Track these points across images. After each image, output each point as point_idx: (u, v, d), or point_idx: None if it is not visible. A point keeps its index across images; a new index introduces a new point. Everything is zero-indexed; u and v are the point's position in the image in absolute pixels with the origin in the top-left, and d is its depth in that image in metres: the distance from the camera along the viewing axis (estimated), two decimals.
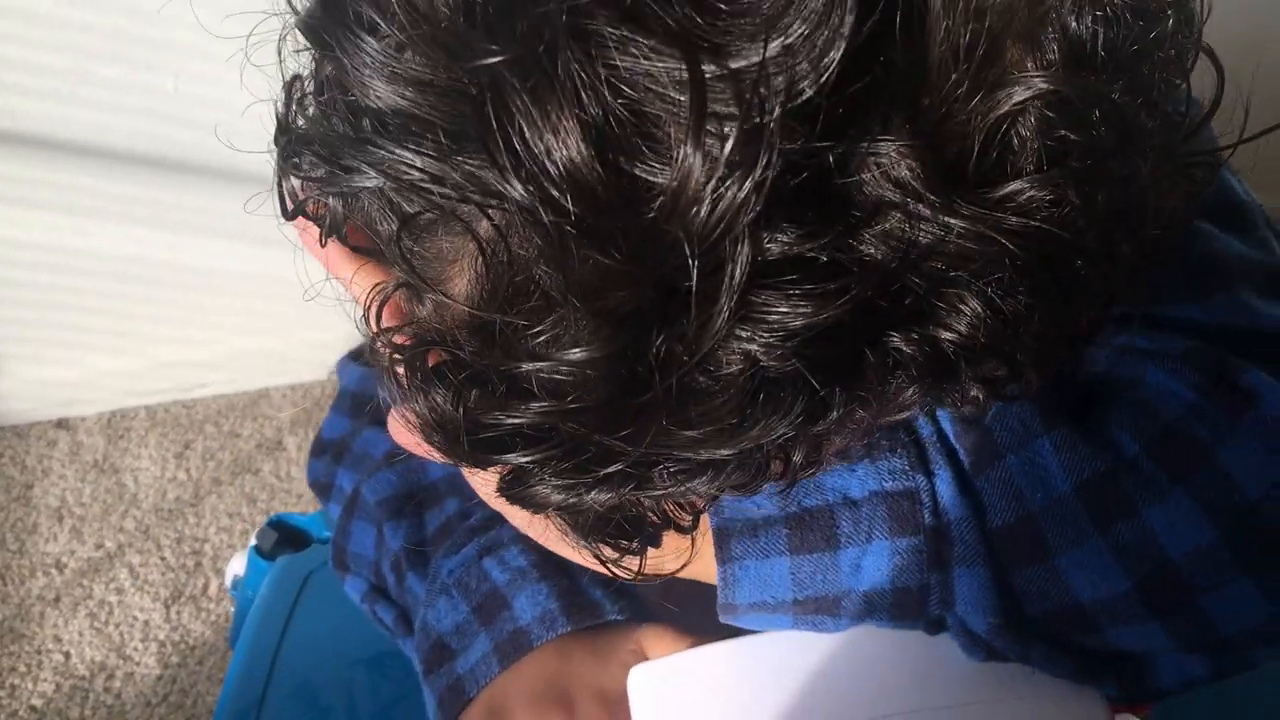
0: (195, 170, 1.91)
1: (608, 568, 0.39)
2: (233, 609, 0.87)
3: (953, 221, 0.28)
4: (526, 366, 0.30)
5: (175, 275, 2.03)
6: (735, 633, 0.45)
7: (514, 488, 0.34)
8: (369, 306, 0.38)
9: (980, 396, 0.35)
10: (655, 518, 0.37)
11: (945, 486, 0.42)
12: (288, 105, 0.40)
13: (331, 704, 0.73)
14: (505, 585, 0.59)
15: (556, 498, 0.33)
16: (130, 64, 1.77)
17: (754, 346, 0.28)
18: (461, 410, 0.32)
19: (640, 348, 0.29)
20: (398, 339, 0.36)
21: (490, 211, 0.30)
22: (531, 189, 0.27)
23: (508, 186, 0.28)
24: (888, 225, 0.29)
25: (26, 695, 1.67)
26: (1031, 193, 0.29)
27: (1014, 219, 0.29)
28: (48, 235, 1.91)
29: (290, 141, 0.39)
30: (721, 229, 0.26)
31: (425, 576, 0.62)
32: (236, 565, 0.89)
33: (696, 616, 0.66)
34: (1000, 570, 0.41)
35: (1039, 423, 0.41)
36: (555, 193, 0.27)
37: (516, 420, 0.31)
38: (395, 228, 0.34)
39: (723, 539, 0.43)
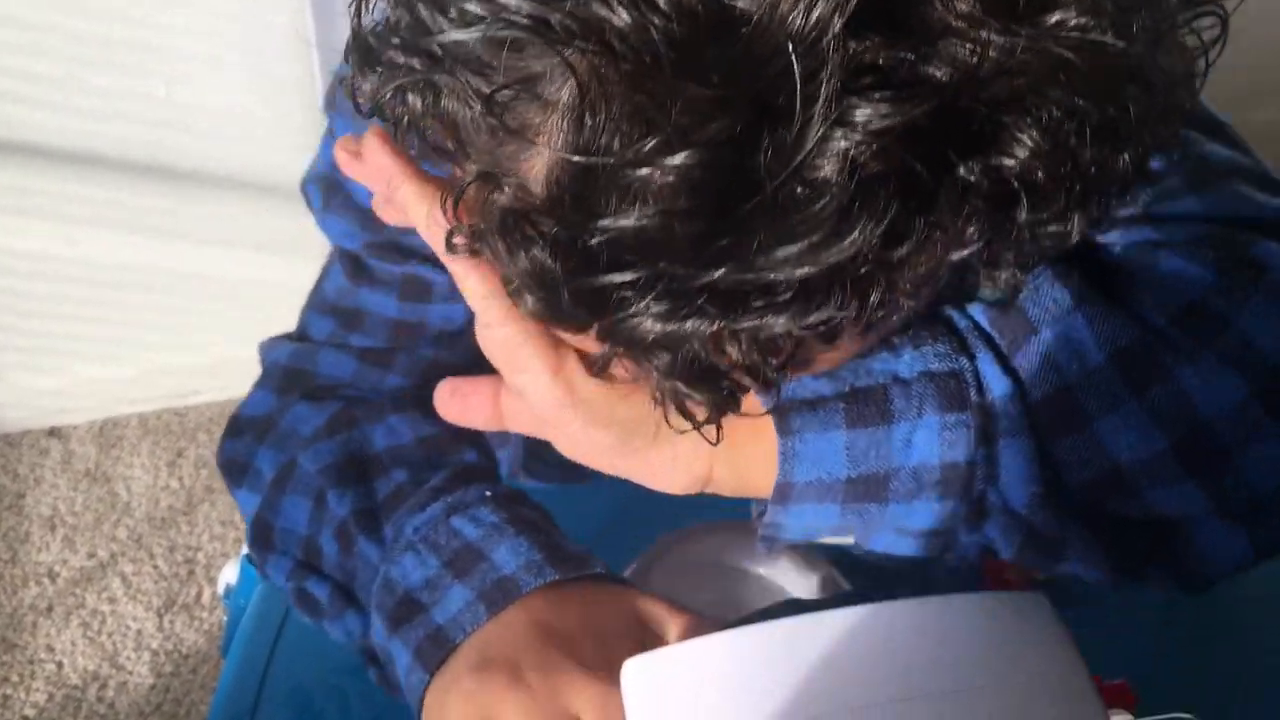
0: (186, 176, 1.90)
1: (696, 425, 0.41)
2: (225, 618, 0.87)
3: (1008, 41, 0.32)
4: (623, 218, 0.33)
5: (166, 282, 2.03)
6: (725, 624, 0.45)
7: (614, 325, 0.36)
8: (445, 201, 0.39)
9: (1027, 261, 0.41)
10: (740, 370, 0.38)
11: (987, 366, 0.44)
12: (358, 8, 0.40)
13: (324, 711, 0.72)
14: (480, 540, 0.55)
15: (656, 327, 0.35)
16: (121, 70, 1.77)
17: (847, 144, 0.31)
18: (559, 261, 0.35)
19: (742, 159, 0.32)
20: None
21: (588, 52, 0.32)
22: (637, 12, 0.30)
23: (614, 13, 0.31)
24: (953, 50, 0.32)
25: (19, 705, 1.66)
26: (1077, 19, 0.32)
27: (1064, 39, 0.32)
28: (38, 243, 1.91)
29: (369, 41, 0.39)
30: (817, 31, 0.30)
31: (379, 541, 0.59)
32: (229, 573, 0.89)
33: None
34: (1042, 441, 0.44)
35: (1070, 301, 0.44)
36: (658, 18, 0.30)
37: (623, 232, 0.33)
38: (479, 108, 0.35)
39: (782, 414, 0.45)
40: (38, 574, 1.84)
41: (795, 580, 0.71)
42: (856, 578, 0.70)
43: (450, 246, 0.41)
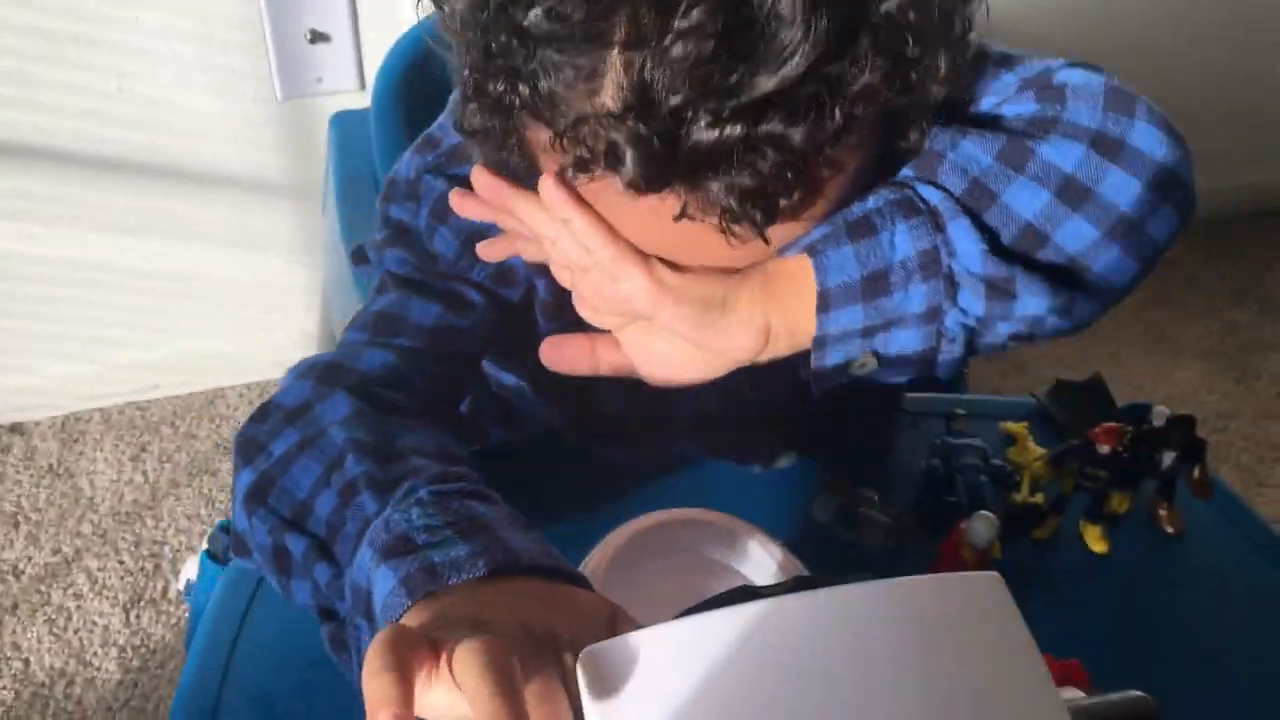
0: (143, 172, 1.89)
1: (753, 220, 0.56)
2: (188, 612, 0.86)
3: None
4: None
5: (124, 278, 2.02)
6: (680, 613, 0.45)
7: (687, 160, 0.54)
8: (556, 142, 0.57)
9: (923, 121, 0.64)
10: (774, 180, 0.55)
11: (923, 189, 0.63)
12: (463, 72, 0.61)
13: (288, 707, 0.72)
14: (491, 520, 0.58)
15: (710, 135, 0.53)
16: (73, 66, 1.75)
17: None
18: (647, 125, 0.53)
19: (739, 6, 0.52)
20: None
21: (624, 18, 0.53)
22: None
23: None
24: None
25: None
26: None
27: None
28: None
29: (476, 71, 0.59)
30: None
31: (382, 501, 0.61)
32: (189, 570, 0.88)
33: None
34: (975, 217, 0.62)
35: (960, 136, 0.64)
36: None
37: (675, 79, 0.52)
38: (568, 69, 0.55)
39: (808, 248, 0.63)
40: (2, 571, 1.83)
41: (754, 563, 0.72)
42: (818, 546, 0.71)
43: (561, 179, 0.59)
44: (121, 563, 1.86)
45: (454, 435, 0.74)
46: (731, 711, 0.39)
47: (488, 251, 0.72)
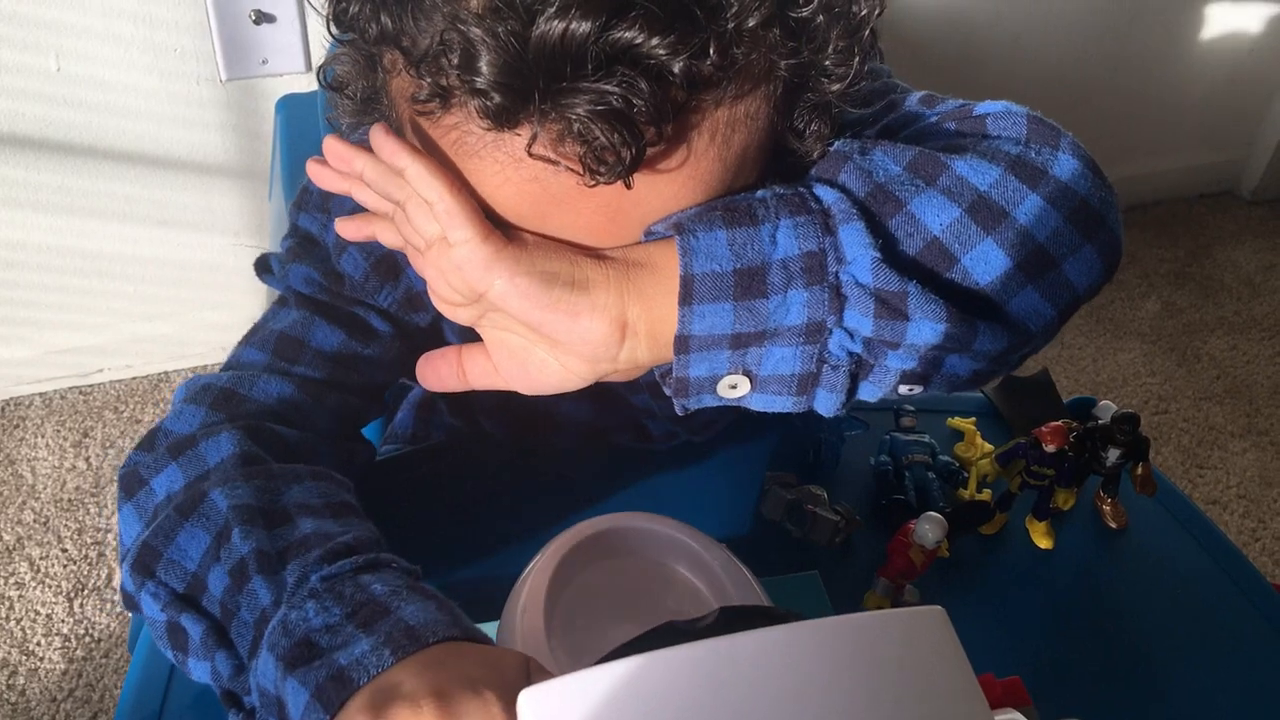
0: (82, 152, 1.86)
1: (615, 151, 0.51)
2: (131, 614, 0.85)
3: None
4: None
5: (67, 260, 1.98)
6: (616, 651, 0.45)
7: (546, 67, 0.49)
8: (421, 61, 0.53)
9: (823, 128, 0.60)
10: (643, 114, 0.51)
11: (818, 188, 0.59)
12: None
13: None
14: (386, 597, 0.57)
15: (575, 27, 0.49)
16: (11, 45, 1.72)
17: None
18: (510, 31, 0.49)
19: None
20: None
21: None
22: None
23: None
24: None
25: None
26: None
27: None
28: None
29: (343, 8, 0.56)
30: None
31: (275, 585, 0.59)
32: None
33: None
34: (873, 223, 0.57)
35: (864, 144, 0.60)
36: None
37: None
38: None
39: (676, 225, 0.57)
40: None
41: (693, 564, 0.72)
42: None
43: (419, 109, 0.54)
44: (64, 551, 1.83)
45: (346, 473, 0.72)
46: None
47: (345, 229, 0.65)
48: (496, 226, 0.57)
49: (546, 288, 0.56)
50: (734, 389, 0.60)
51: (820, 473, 0.89)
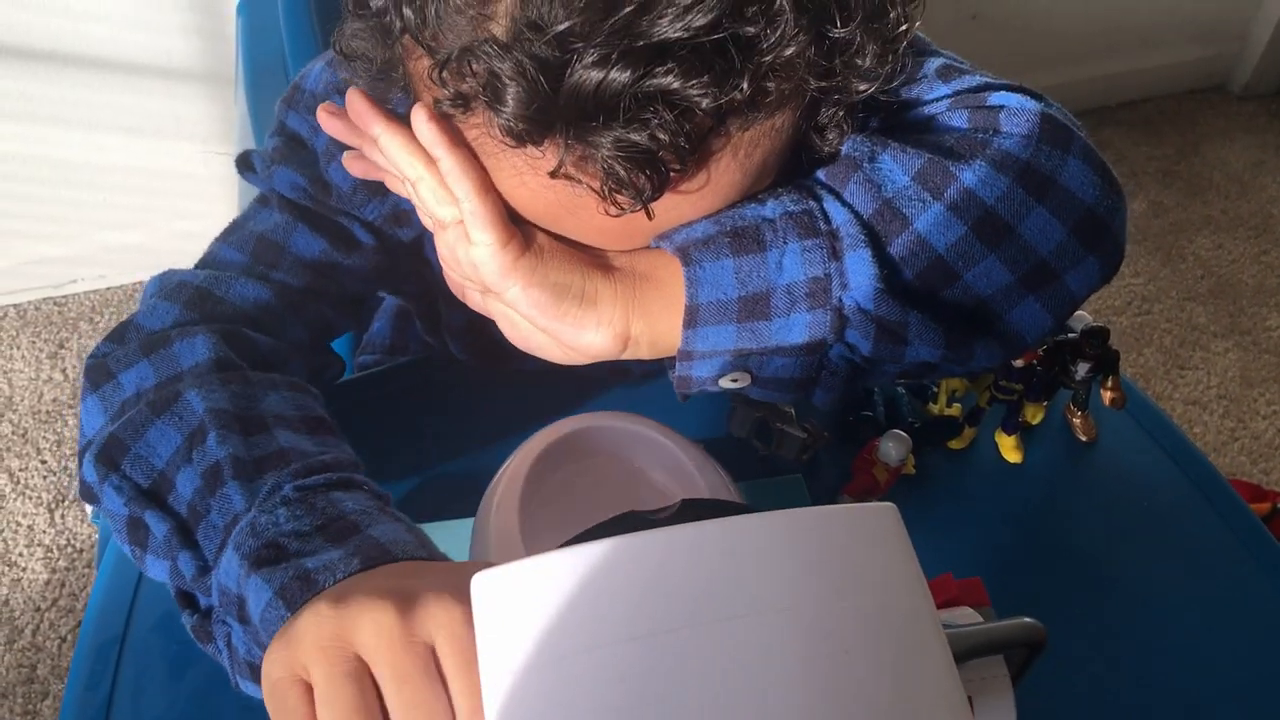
0: (42, 57, 1.81)
1: (638, 187, 0.51)
2: (98, 534, 0.85)
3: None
4: None
5: (31, 169, 1.95)
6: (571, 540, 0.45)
7: (570, 100, 0.48)
8: (435, 71, 0.51)
9: (842, 123, 0.59)
10: (667, 150, 0.50)
11: (829, 204, 0.58)
12: None
13: None
14: (357, 515, 0.57)
15: (595, 76, 0.48)
16: None
17: None
18: (532, 60, 0.48)
19: None
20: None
21: None
22: None
23: None
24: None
25: None
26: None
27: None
28: None
29: None
30: None
31: (250, 492, 0.58)
32: None
33: None
34: (879, 248, 0.57)
35: (874, 148, 0.59)
36: None
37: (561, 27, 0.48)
38: None
39: (683, 251, 0.58)
40: None
41: (669, 465, 0.71)
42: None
43: (436, 115, 0.54)
44: (44, 462, 1.83)
45: (316, 385, 0.71)
46: (618, 640, 0.39)
47: (353, 167, 0.65)
48: (519, 229, 0.58)
49: (557, 301, 0.58)
50: (735, 383, 0.62)
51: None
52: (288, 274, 0.74)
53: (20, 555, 1.71)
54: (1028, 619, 0.53)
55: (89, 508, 0.86)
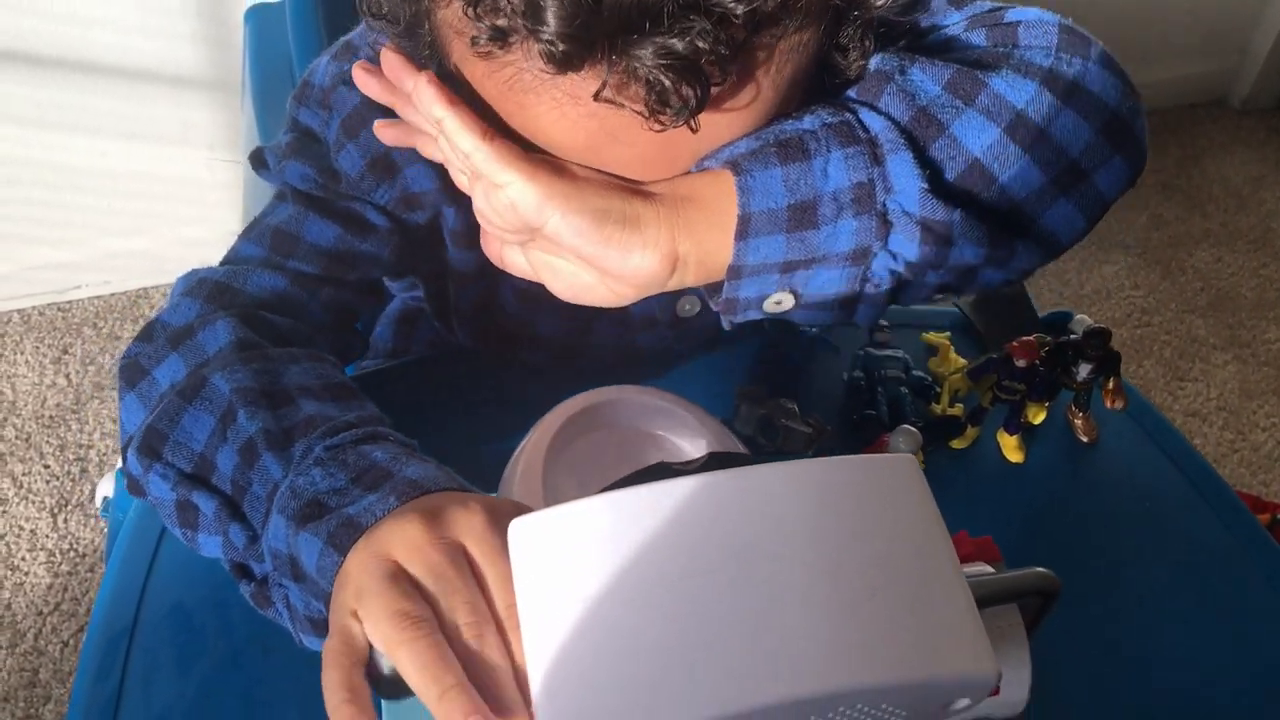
0: (50, 63, 1.82)
1: (682, 97, 0.51)
2: (106, 528, 0.86)
3: None
4: None
5: (41, 174, 1.96)
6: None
7: (612, 18, 0.48)
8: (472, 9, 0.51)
9: (865, 45, 0.60)
10: (709, 61, 0.50)
11: (865, 115, 0.60)
12: None
13: (206, 626, 0.72)
14: (388, 462, 0.58)
15: None
16: None
17: None
18: None
19: None
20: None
21: None
22: None
23: None
24: None
25: None
26: None
27: None
28: None
29: None
30: None
31: (285, 460, 0.60)
32: (105, 487, 0.87)
33: None
34: (919, 151, 0.59)
35: (903, 62, 0.61)
36: None
37: None
38: None
39: (732, 163, 0.58)
40: None
41: (688, 435, 0.72)
42: None
43: (475, 48, 0.53)
44: (47, 467, 1.84)
45: (339, 359, 0.73)
46: (652, 582, 0.41)
47: (385, 134, 0.66)
48: (545, 160, 0.58)
49: (599, 225, 0.57)
50: (779, 305, 0.63)
51: (792, 386, 0.89)
52: (303, 262, 0.75)
53: (23, 559, 1.71)
54: (1041, 569, 0.55)
55: (99, 501, 0.87)
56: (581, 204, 0.57)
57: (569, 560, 0.42)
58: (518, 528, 0.44)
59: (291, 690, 0.68)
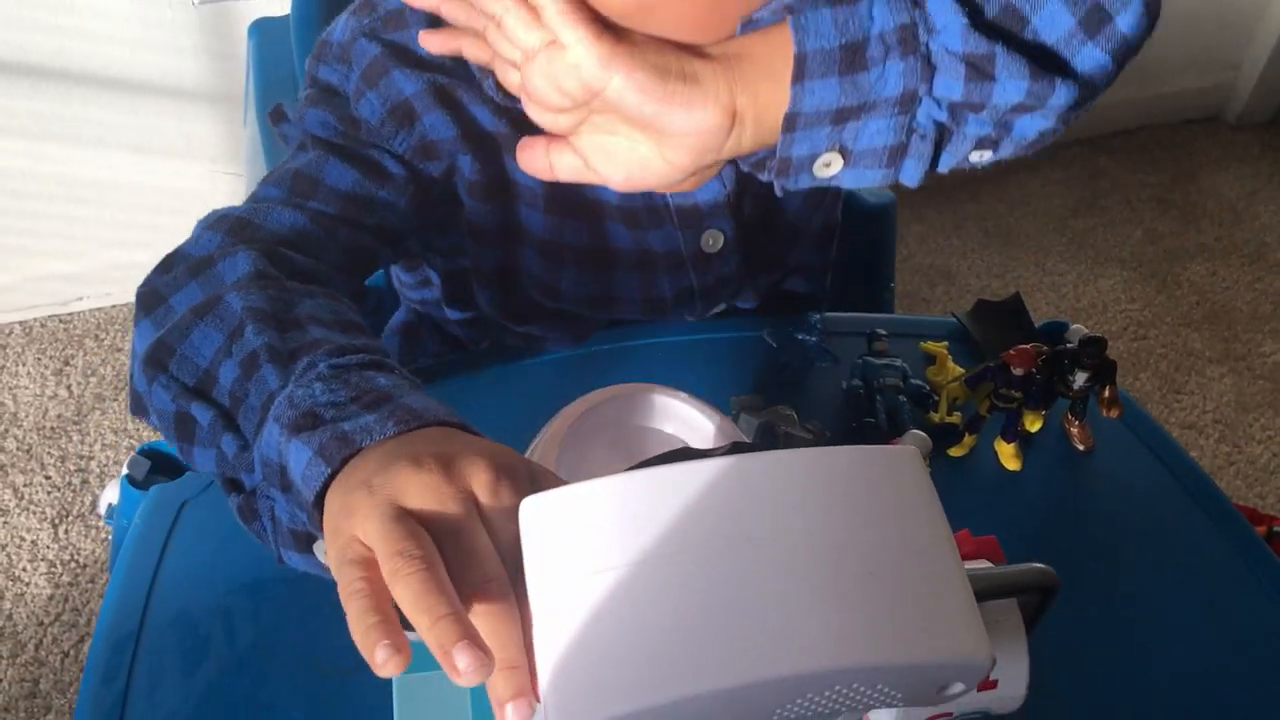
0: (55, 76, 1.83)
1: None
2: (111, 535, 0.86)
3: None
4: None
5: (44, 187, 1.97)
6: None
7: None
8: None
9: None
10: None
11: None
12: None
13: (210, 632, 0.73)
14: (390, 388, 0.58)
15: None
16: None
17: None
18: None
19: None
20: None
21: None
22: None
23: None
24: None
25: None
26: None
27: None
28: None
29: None
30: None
31: (285, 373, 0.60)
32: (110, 494, 0.88)
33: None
34: None
35: None
36: None
37: None
38: None
39: (789, 6, 0.61)
40: None
41: (695, 432, 0.73)
42: None
43: None
44: (48, 478, 1.84)
45: (353, 303, 0.72)
46: (658, 562, 0.41)
47: (429, 41, 0.70)
48: (604, 23, 0.60)
49: (661, 80, 0.61)
50: (828, 167, 0.65)
51: (790, 395, 0.90)
52: (322, 202, 0.77)
53: (24, 570, 1.71)
54: (1040, 564, 0.55)
55: (103, 508, 0.88)
56: (643, 61, 0.60)
57: (578, 537, 0.42)
58: (529, 506, 0.44)
59: (295, 695, 0.69)
